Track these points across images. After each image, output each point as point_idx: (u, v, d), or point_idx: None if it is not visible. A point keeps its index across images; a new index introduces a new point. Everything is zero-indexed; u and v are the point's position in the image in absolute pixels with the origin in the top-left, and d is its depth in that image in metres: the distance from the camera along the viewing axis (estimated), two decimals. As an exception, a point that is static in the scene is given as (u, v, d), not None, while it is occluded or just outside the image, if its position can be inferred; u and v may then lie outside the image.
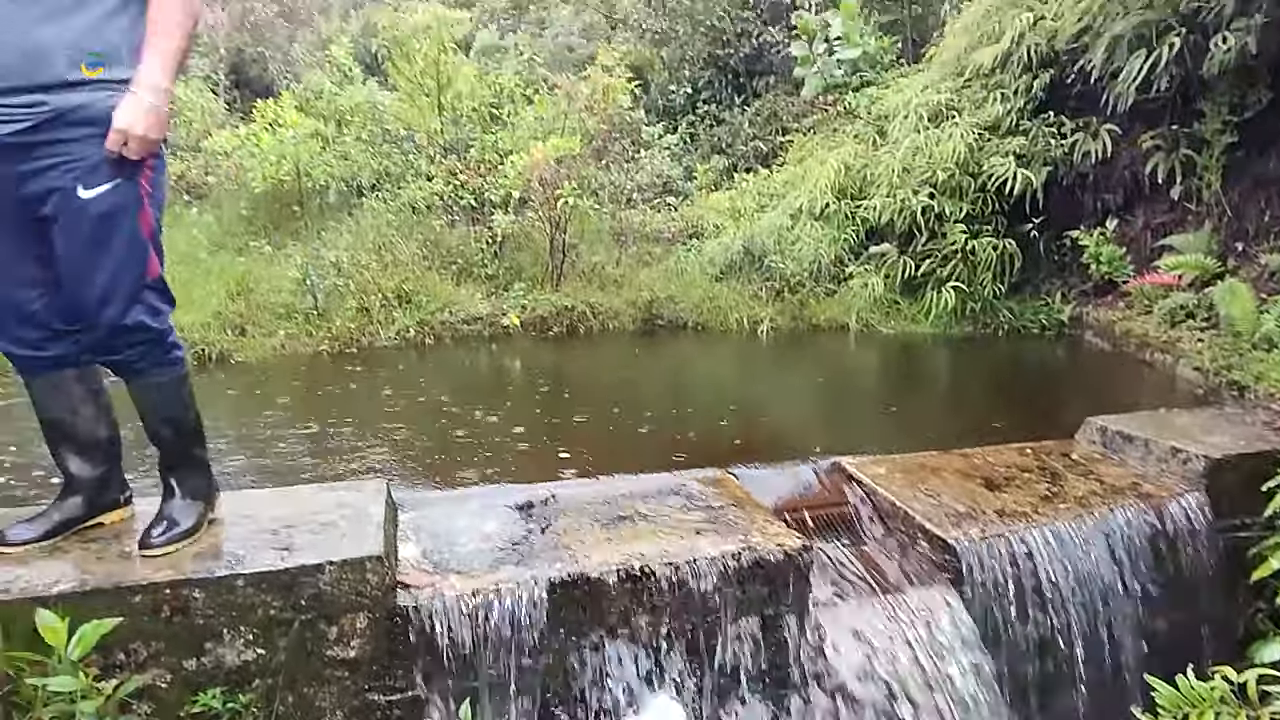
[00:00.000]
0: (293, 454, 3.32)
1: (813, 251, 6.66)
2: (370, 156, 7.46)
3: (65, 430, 1.77)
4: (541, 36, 11.78)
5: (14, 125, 1.52)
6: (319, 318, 5.46)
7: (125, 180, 1.58)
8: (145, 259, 1.65)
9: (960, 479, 2.69)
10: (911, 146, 6.58)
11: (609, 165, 7.22)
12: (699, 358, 5.96)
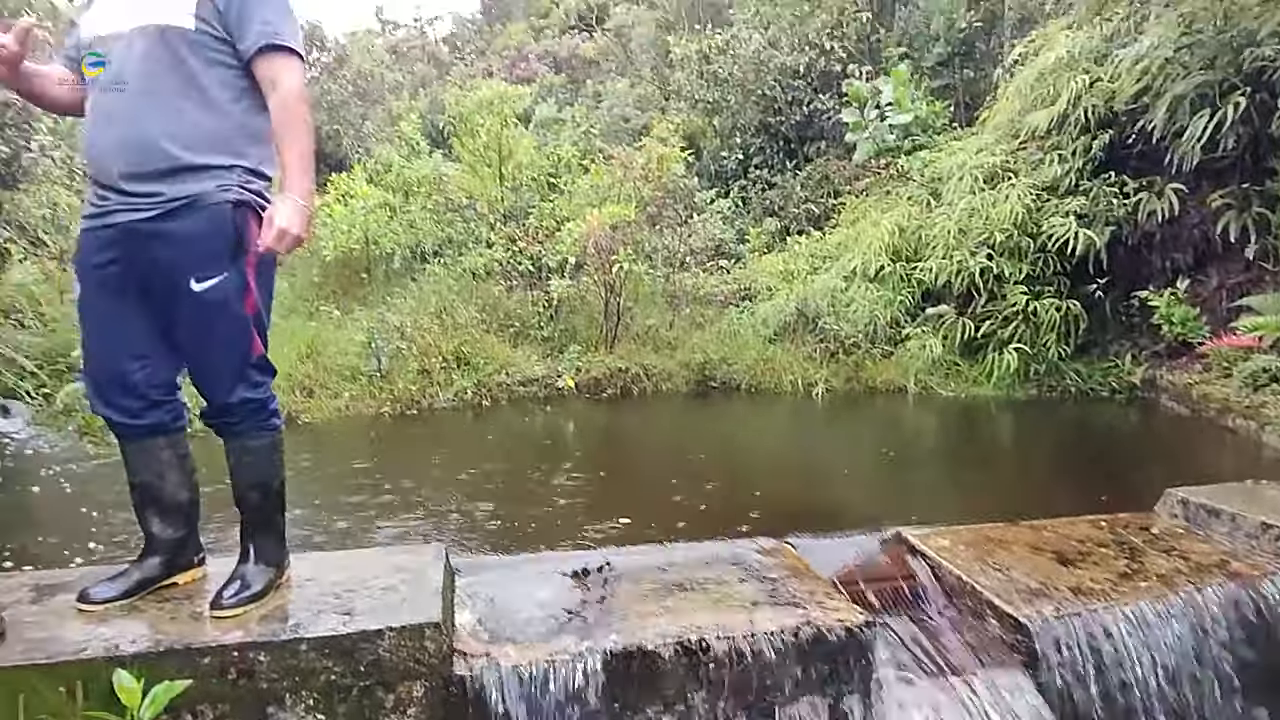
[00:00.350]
0: (353, 515, 3.39)
1: (868, 313, 6.60)
2: (434, 224, 7.80)
3: (151, 493, 1.86)
4: (598, 108, 12.24)
5: (138, 214, 1.67)
6: (382, 380, 5.64)
7: (232, 271, 1.71)
8: (250, 341, 1.77)
9: (1030, 553, 2.57)
10: (967, 208, 6.55)
11: (662, 230, 7.36)
12: (753, 420, 5.91)
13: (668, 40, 11.77)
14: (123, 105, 1.66)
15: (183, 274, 1.68)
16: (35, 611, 1.78)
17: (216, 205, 1.67)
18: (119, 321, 1.75)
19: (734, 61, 9.86)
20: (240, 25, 1.68)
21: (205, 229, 1.67)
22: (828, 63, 9.47)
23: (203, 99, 1.67)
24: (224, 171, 1.69)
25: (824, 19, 9.56)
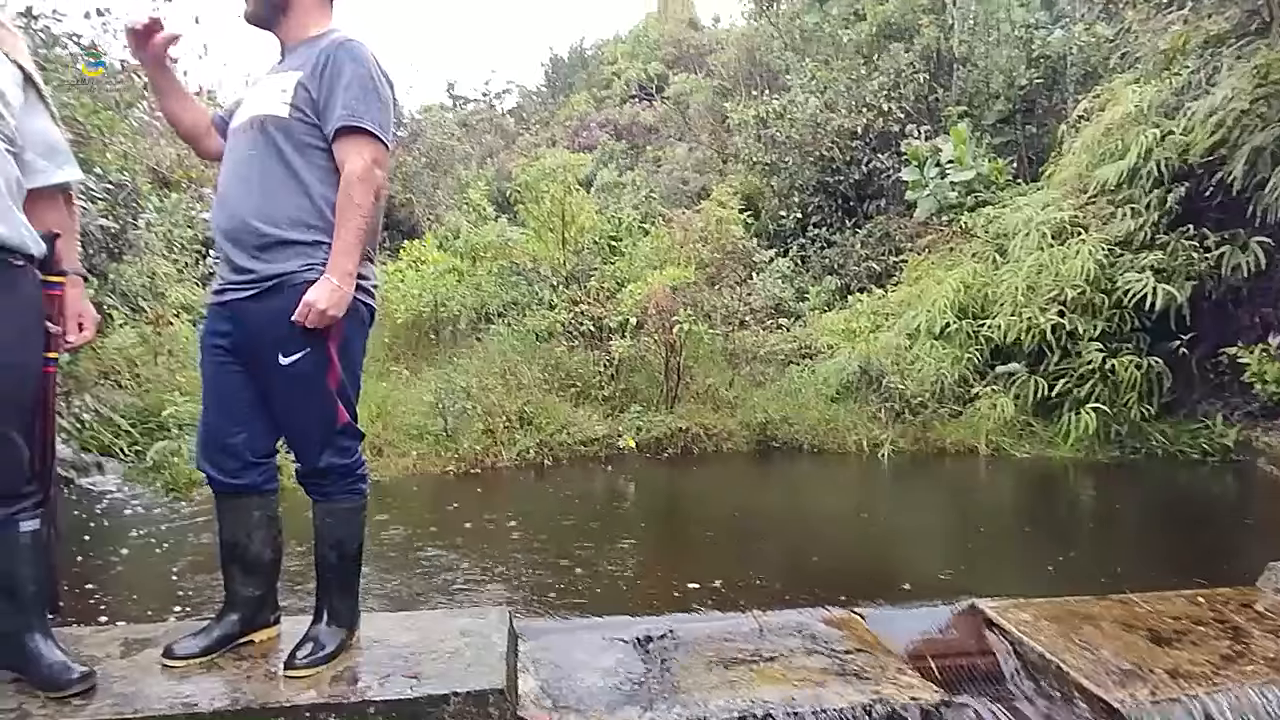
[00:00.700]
0: (419, 574, 3.44)
1: (934, 371, 6.46)
2: (499, 287, 8.05)
3: (238, 551, 1.95)
4: (657, 172, 12.57)
5: (241, 292, 1.82)
6: (448, 439, 5.77)
7: (315, 347, 1.82)
8: (334, 412, 1.87)
9: (1120, 630, 2.41)
10: (1035, 264, 6.40)
11: (722, 289, 7.42)
12: (817, 482, 5.79)
13: (725, 106, 12.09)
14: (232, 188, 1.83)
15: (273, 349, 1.80)
16: (124, 666, 1.86)
17: (300, 285, 1.77)
18: (225, 389, 1.90)
19: (791, 125, 10.02)
20: (326, 110, 1.80)
21: (290, 307, 1.77)
22: (885, 123, 9.53)
23: (293, 181, 1.80)
24: (309, 249, 1.80)
25: (881, 81, 9.67)
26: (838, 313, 8.10)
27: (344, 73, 1.78)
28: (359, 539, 1.99)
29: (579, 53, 21.38)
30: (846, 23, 10.81)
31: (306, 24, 1.88)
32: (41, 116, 1.78)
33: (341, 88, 1.77)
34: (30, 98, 1.75)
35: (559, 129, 16.65)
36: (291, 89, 1.79)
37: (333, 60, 1.79)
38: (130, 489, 4.97)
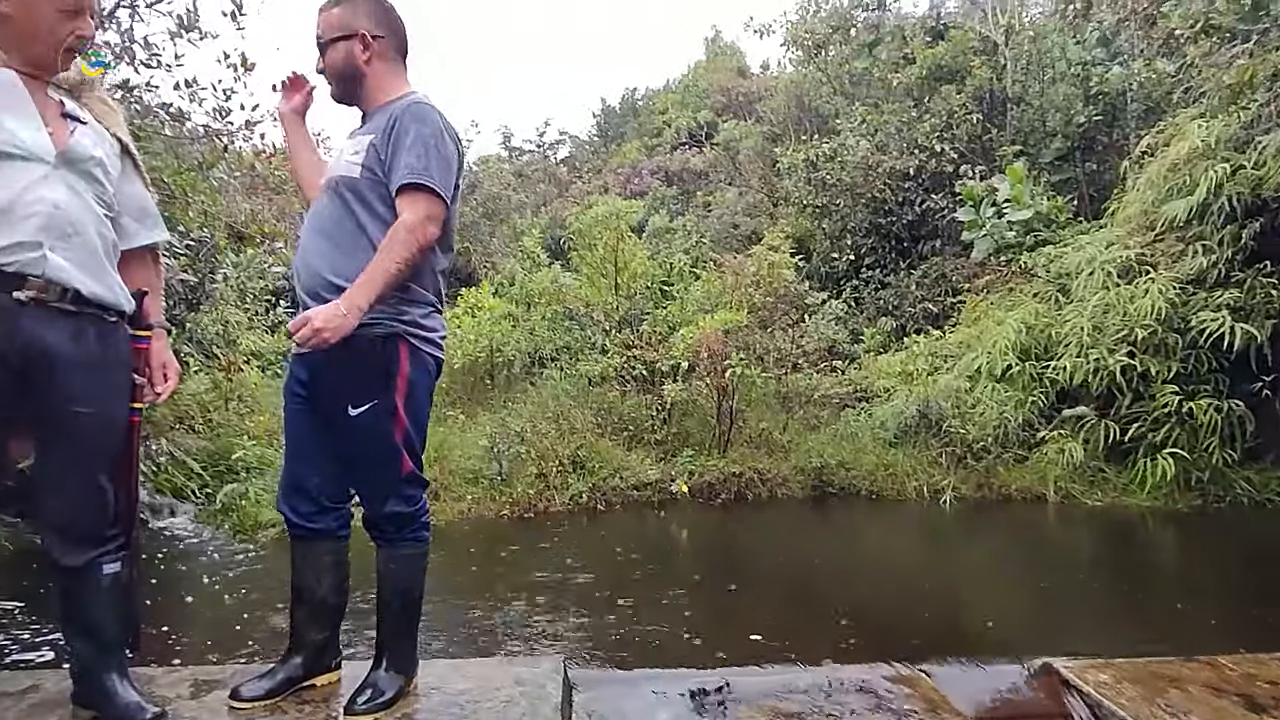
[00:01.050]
0: (476, 620, 3.45)
1: (997, 415, 6.26)
2: (553, 332, 8.18)
3: (307, 594, 2.00)
4: (707, 217, 12.69)
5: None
6: (502, 483, 5.82)
7: (382, 398, 1.88)
8: (399, 462, 1.93)
9: (1210, 695, 2.26)
10: (1101, 304, 6.20)
11: (774, 331, 7.39)
12: (876, 529, 5.63)
13: (774, 151, 12.19)
14: (309, 245, 1.94)
15: (343, 400, 1.87)
16: (194, 707, 1.91)
17: (370, 339, 1.84)
18: (303, 435, 1.98)
19: (842, 168, 10.04)
20: (391, 169, 1.87)
21: (358, 360, 1.84)
22: (938, 164, 9.46)
23: (362, 238, 1.89)
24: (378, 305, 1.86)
25: (932, 123, 9.63)
26: (894, 355, 7.95)
27: (409, 132, 1.85)
28: (420, 586, 2.02)
29: (630, 102, 21.94)
30: (896, 67, 10.85)
31: (381, 92, 1.97)
32: (135, 182, 1.92)
33: (405, 147, 1.84)
34: (126, 166, 1.89)
35: (611, 176, 17.01)
36: (363, 151, 1.89)
37: (400, 121, 1.87)
38: (201, 530, 5.16)
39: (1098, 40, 9.05)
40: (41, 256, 1.63)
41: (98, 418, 1.74)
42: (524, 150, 19.90)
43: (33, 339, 1.64)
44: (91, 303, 1.71)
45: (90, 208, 1.73)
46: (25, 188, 1.62)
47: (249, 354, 8.62)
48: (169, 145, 4.75)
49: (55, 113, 1.73)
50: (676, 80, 21.75)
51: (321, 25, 1.95)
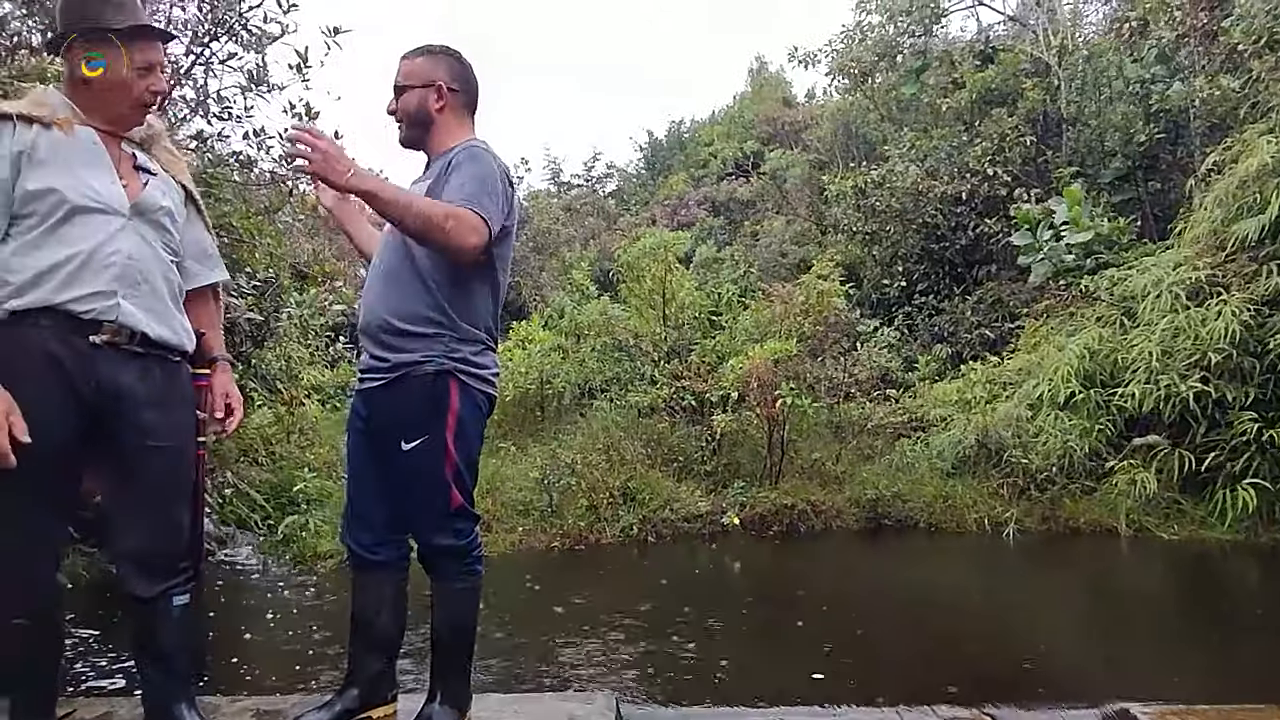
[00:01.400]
0: (528, 654, 3.45)
1: (1061, 444, 6.03)
2: (602, 364, 8.24)
3: (365, 625, 2.05)
4: (755, 246, 12.68)
5: (374, 381, 1.97)
6: (553, 515, 5.85)
7: (434, 434, 1.93)
8: (449, 496, 1.96)
9: (1308, 747, 2.10)
10: (1170, 327, 5.96)
11: (825, 360, 7.30)
12: (936, 563, 5.45)
13: (822, 178, 12.15)
14: (372, 287, 2.02)
15: (396, 434, 1.93)
16: (255, 738, 1.95)
17: (421, 375, 1.91)
18: (364, 468, 2.05)
19: (891, 194, 9.94)
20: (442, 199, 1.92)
21: (412, 396, 1.91)
22: (991, 188, 9.29)
23: (419, 280, 1.95)
24: (429, 340, 1.92)
25: (984, 146, 9.48)
26: (950, 382, 7.76)
27: (461, 169, 1.92)
28: (473, 620, 2.04)
29: (676, 135, 22.20)
30: (945, 91, 10.75)
31: (446, 140, 2.05)
32: (198, 226, 2.04)
33: (457, 183, 1.91)
34: (190, 212, 2.01)
35: (658, 208, 17.18)
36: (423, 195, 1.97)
37: (454, 161, 1.95)
38: (263, 561, 5.30)
39: (1156, 57, 8.81)
40: (115, 304, 1.73)
41: (169, 452, 1.83)
42: (572, 185, 20.30)
43: (107, 379, 1.74)
44: (157, 344, 1.81)
45: (159, 255, 1.84)
46: (103, 240, 1.73)
47: (310, 388, 8.90)
48: (238, 191, 4.99)
49: (128, 166, 1.85)
50: (722, 111, 21.95)
51: (402, 72, 2.04)
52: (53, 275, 1.69)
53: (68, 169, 1.73)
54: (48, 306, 1.68)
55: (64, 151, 1.74)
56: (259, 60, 4.82)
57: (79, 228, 1.72)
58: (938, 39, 12.01)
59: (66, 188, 1.71)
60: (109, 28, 1.77)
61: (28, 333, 1.68)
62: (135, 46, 1.80)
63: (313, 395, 9.05)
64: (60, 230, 1.71)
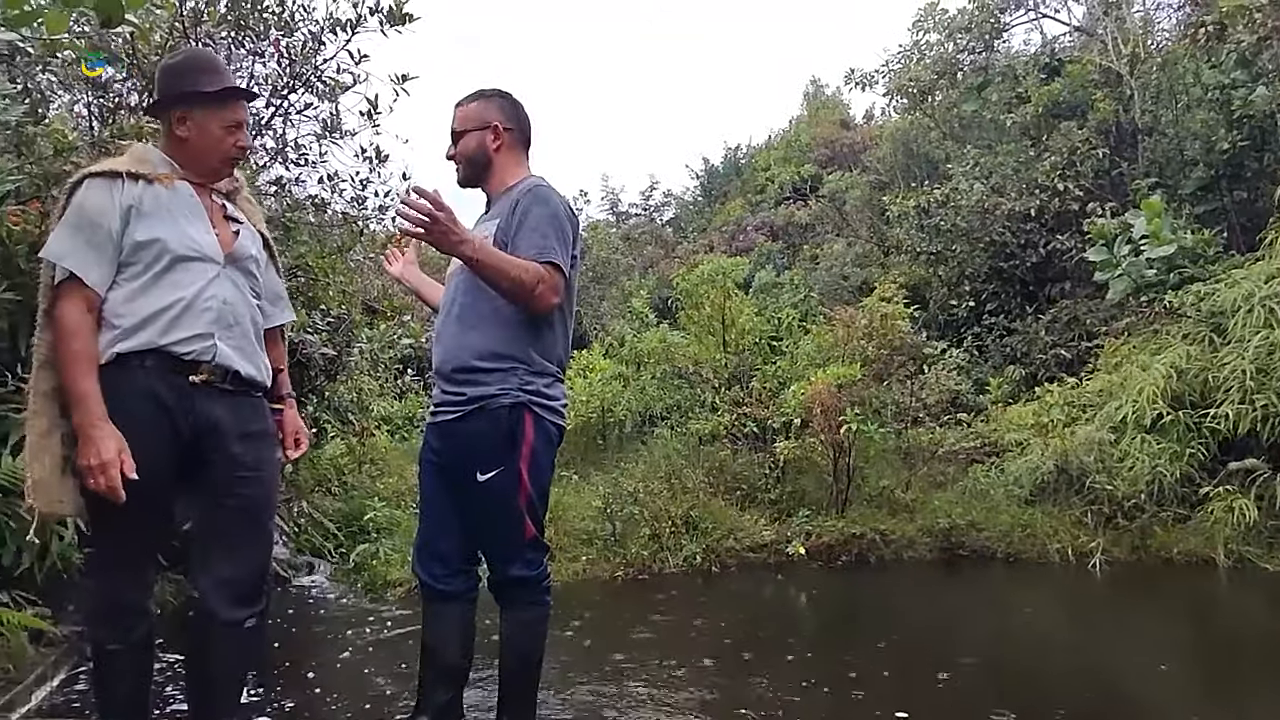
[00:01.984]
0: (591, 686, 3.42)
1: (1149, 469, 5.70)
2: (662, 391, 8.24)
3: (435, 654, 2.09)
4: (815, 270, 12.54)
5: (449, 414, 2.03)
6: (616, 544, 5.83)
7: (508, 465, 1.98)
8: (522, 526, 2.01)
9: None
10: (1265, 344, 5.60)
11: (891, 384, 7.11)
12: (1016, 596, 5.20)
13: (883, 199, 11.97)
14: (446, 325, 2.10)
15: (472, 466, 1.98)
16: (328, 767, 1.99)
17: (497, 408, 1.97)
18: (436, 500, 2.11)
19: (956, 212, 9.71)
20: (516, 249, 2.01)
21: (488, 428, 1.97)
22: (1062, 203, 8.97)
23: (493, 316, 2.02)
24: (505, 374, 1.99)
25: (1053, 161, 9.18)
26: (1024, 405, 7.45)
27: (531, 214, 2.00)
28: (541, 649, 2.05)
29: (732, 161, 22.26)
30: (1009, 107, 10.49)
31: (505, 178, 2.15)
32: (272, 270, 2.18)
33: (529, 229, 1.99)
34: (265, 257, 2.14)
35: (716, 235, 17.21)
36: (492, 235, 2.04)
37: (521, 203, 2.03)
38: (335, 588, 5.44)
39: (1236, 62, 8.40)
40: (213, 346, 1.87)
41: (255, 481, 1.94)
42: (630, 214, 20.55)
43: (203, 415, 1.86)
44: (245, 381, 1.94)
45: (247, 299, 1.98)
46: (203, 286, 1.87)
47: (380, 419, 9.17)
48: (313, 232, 5.24)
49: (219, 215, 2.00)
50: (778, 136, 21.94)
51: (458, 117, 2.15)
52: (158, 319, 1.82)
53: (170, 220, 1.87)
54: (153, 349, 1.81)
55: (166, 204, 1.88)
56: (332, 109, 5.09)
57: (181, 275, 1.85)
58: (999, 54, 11.76)
59: (170, 238, 1.85)
60: (203, 90, 1.93)
61: (134, 374, 1.80)
62: (225, 107, 1.95)
63: (382, 426, 9.32)
64: (164, 277, 1.84)
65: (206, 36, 4.60)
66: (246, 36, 4.77)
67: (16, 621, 2.66)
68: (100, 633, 1.86)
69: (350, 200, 5.51)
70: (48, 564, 2.96)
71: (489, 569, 2.07)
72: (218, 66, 2.05)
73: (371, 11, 4.66)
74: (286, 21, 4.78)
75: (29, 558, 2.90)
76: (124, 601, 1.85)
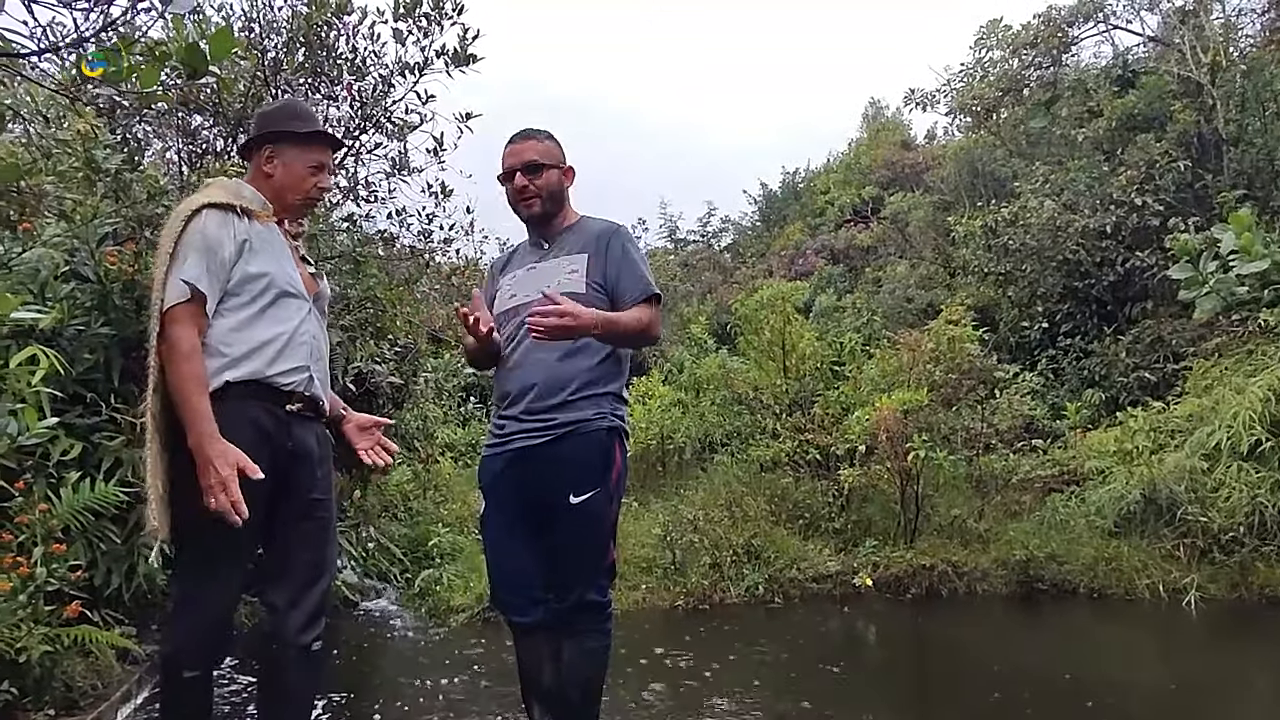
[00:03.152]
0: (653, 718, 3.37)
1: (1248, 499, 5.32)
2: (722, 417, 8.16)
3: (530, 682, 2.10)
4: (878, 293, 12.29)
5: (532, 440, 2.04)
6: (676, 572, 5.76)
7: (602, 487, 2.00)
8: (606, 549, 2.03)
9: None
10: (1376, 364, 5.18)
11: (960, 410, 6.86)
12: (1104, 635, 4.89)
13: (947, 220, 11.68)
14: (531, 354, 2.09)
15: (564, 489, 1.98)
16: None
17: (594, 431, 2.00)
18: (510, 531, 2.10)
19: (1025, 231, 9.39)
20: (621, 285, 2.10)
21: (585, 450, 1.99)
22: (1141, 218, 8.57)
23: (587, 345, 2.06)
24: (599, 399, 2.04)
25: (1129, 175, 8.80)
26: (1106, 431, 7.08)
27: (629, 255, 2.13)
28: (602, 677, 2.03)
29: (790, 185, 22.14)
30: (1080, 121, 10.15)
31: (569, 215, 2.26)
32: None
33: (630, 269, 2.11)
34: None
35: (775, 259, 17.07)
36: (583, 269, 2.10)
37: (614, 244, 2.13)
38: (401, 613, 5.53)
39: (1329, 65, 7.94)
40: (309, 377, 1.99)
41: (325, 504, 2.05)
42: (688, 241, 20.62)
43: (300, 442, 1.98)
44: (321, 410, 2.06)
45: (324, 335, 2.11)
46: (299, 322, 1.99)
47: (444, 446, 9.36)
48: (382, 265, 5.43)
49: (297, 257, 2.12)
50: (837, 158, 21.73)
51: (539, 151, 2.19)
52: (264, 351, 1.92)
53: (273, 257, 1.99)
54: (258, 379, 1.91)
55: (267, 240, 2.01)
56: (401, 148, 5.30)
57: (283, 310, 1.96)
58: (1068, 68, 11.41)
59: (276, 274, 1.97)
60: (294, 131, 2.06)
61: (241, 403, 1.90)
62: (312, 149, 2.08)
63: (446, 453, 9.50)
64: (269, 311, 1.95)
65: (286, 84, 4.86)
66: (322, 82, 5.03)
67: (105, 640, 2.78)
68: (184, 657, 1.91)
69: (417, 234, 5.71)
70: (134, 584, 3.10)
71: (558, 594, 2.04)
72: (310, 115, 2.20)
73: (438, 54, 4.84)
74: (359, 66, 5.02)
75: (118, 578, 3.04)
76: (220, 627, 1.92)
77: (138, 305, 3.16)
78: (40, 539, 2.60)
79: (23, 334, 2.74)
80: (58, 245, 3.25)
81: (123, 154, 3.55)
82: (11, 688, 2.38)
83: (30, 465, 2.79)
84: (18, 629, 2.35)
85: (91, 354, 3.11)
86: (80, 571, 2.74)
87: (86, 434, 3.04)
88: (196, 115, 4.92)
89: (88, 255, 3.27)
